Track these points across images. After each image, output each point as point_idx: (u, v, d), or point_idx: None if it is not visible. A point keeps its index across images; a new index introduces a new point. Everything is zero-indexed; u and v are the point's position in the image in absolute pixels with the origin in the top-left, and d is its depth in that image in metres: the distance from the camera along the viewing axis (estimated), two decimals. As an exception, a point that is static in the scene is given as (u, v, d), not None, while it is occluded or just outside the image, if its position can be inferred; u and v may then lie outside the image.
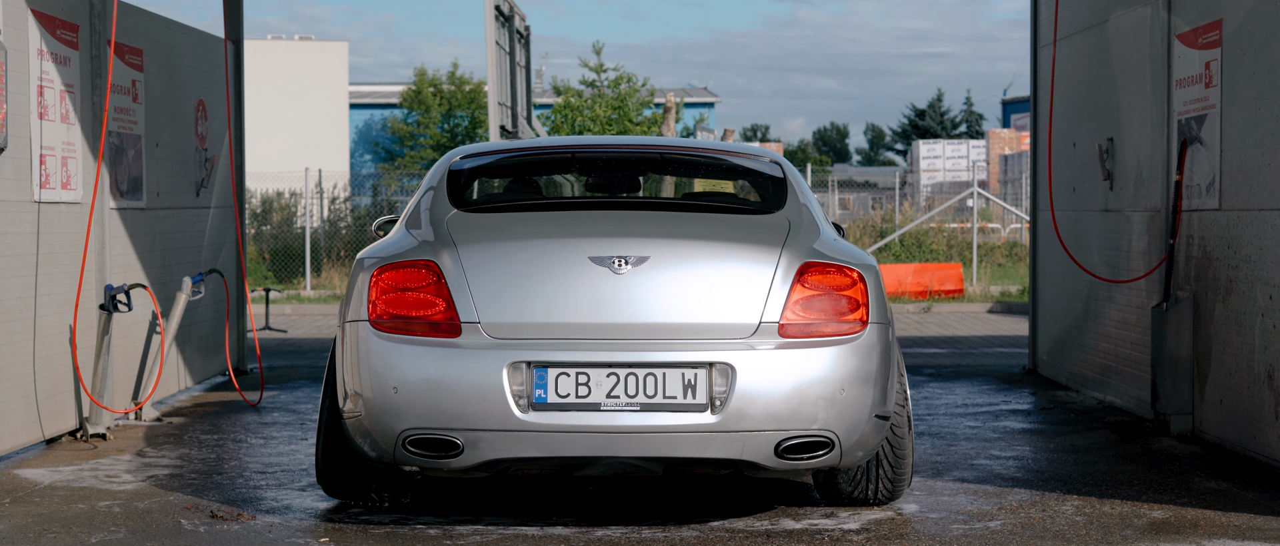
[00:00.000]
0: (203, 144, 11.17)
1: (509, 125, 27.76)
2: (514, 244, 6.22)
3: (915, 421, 9.61)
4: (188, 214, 10.85)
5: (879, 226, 34.39)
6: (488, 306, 6.06)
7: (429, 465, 6.12)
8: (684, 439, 5.97)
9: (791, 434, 6.01)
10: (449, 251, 6.17)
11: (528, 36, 30.72)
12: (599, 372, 5.97)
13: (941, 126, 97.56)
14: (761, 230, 6.38)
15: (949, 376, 12.19)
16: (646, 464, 6.09)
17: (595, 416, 5.95)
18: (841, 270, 6.19)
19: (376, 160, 65.57)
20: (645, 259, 6.09)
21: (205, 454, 8.30)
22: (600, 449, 6.00)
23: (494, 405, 5.93)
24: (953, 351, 15.76)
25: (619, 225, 6.37)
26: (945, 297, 23.60)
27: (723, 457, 6.03)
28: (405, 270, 6.15)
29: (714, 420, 5.95)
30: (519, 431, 5.94)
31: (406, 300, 6.11)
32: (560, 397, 5.97)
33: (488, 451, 5.98)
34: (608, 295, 6.06)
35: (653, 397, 5.97)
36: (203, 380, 11.29)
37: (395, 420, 6.02)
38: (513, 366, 5.96)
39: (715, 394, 5.97)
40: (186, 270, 10.68)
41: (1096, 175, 10.44)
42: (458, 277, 6.09)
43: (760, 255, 6.18)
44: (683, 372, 5.98)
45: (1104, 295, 10.33)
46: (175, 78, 10.58)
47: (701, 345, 6.01)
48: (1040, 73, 12.02)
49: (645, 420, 5.95)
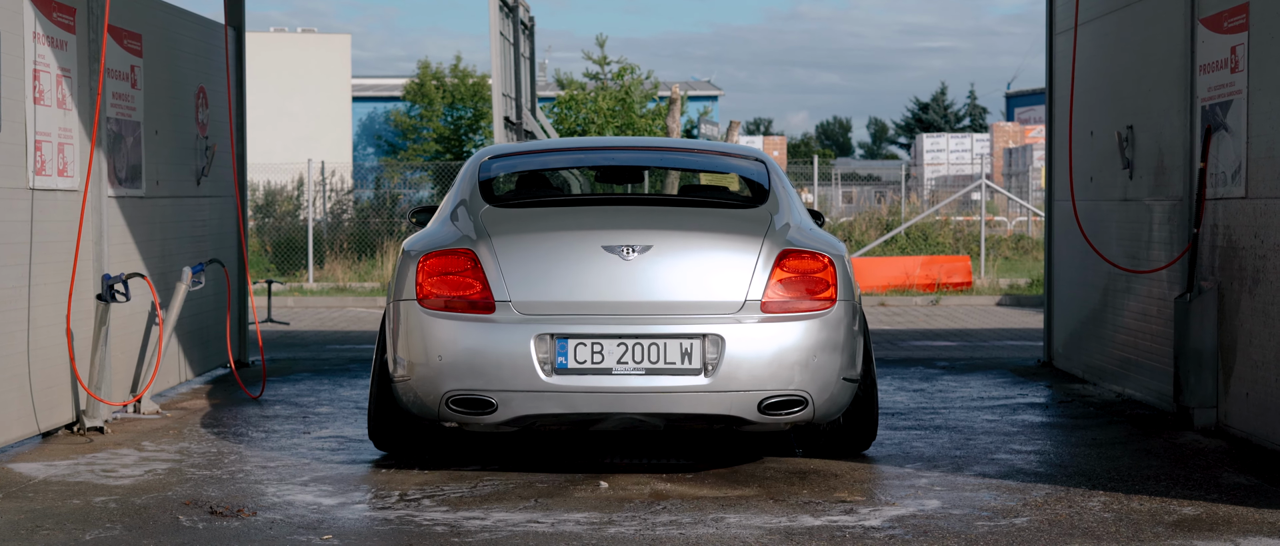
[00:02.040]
0: (203, 132, 10.95)
1: (513, 117, 27.53)
2: (539, 235, 7.29)
3: (931, 414, 9.40)
4: (188, 203, 10.64)
5: (885, 220, 34.17)
6: (518, 287, 7.11)
7: (467, 421, 7.14)
8: (682, 397, 7.01)
9: (772, 393, 7.05)
10: (484, 242, 7.23)
11: (531, 27, 30.48)
12: (611, 342, 7.03)
13: (945, 120, 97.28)
14: (746, 222, 7.46)
15: (963, 369, 11.98)
16: (651, 419, 7.12)
17: (608, 379, 7.00)
18: (814, 256, 7.26)
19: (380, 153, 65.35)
20: (649, 247, 7.17)
21: (205, 448, 8.10)
22: (612, 406, 7.04)
23: (523, 370, 6.98)
24: (964, 344, 15.54)
25: (626, 219, 7.43)
26: (953, 290, 23.38)
27: (714, 413, 7.07)
28: (447, 257, 7.19)
29: (707, 382, 7.01)
30: (544, 392, 6.99)
31: (448, 283, 7.16)
32: (578, 363, 7.02)
33: (518, 409, 7.01)
34: (618, 278, 7.14)
35: (656, 363, 7.02)
36: (204, 372, 11.08)
37: (439, 383, 7.05)
38: (539, 337, 7.00)
39: (708, 360, 7.01)
40: (187, 260, 10.46)
41: (1115, 164, 10.22)
42: (492, 264, 7.14)
43: (745, 244, 7.26)
44: (681, 342, 7.03)
45: (1123, 286, 10.12)
46: (175, 64, 10.37)
47: (696, 319, 7.07)
48: (1057, 60, 11.80)
49: (650, 382, 7.01)
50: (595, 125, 37.94)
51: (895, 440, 8.43)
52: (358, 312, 20.45)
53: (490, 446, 8.10)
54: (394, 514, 6.45)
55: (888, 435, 8.59)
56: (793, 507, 6.60)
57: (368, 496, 6.83)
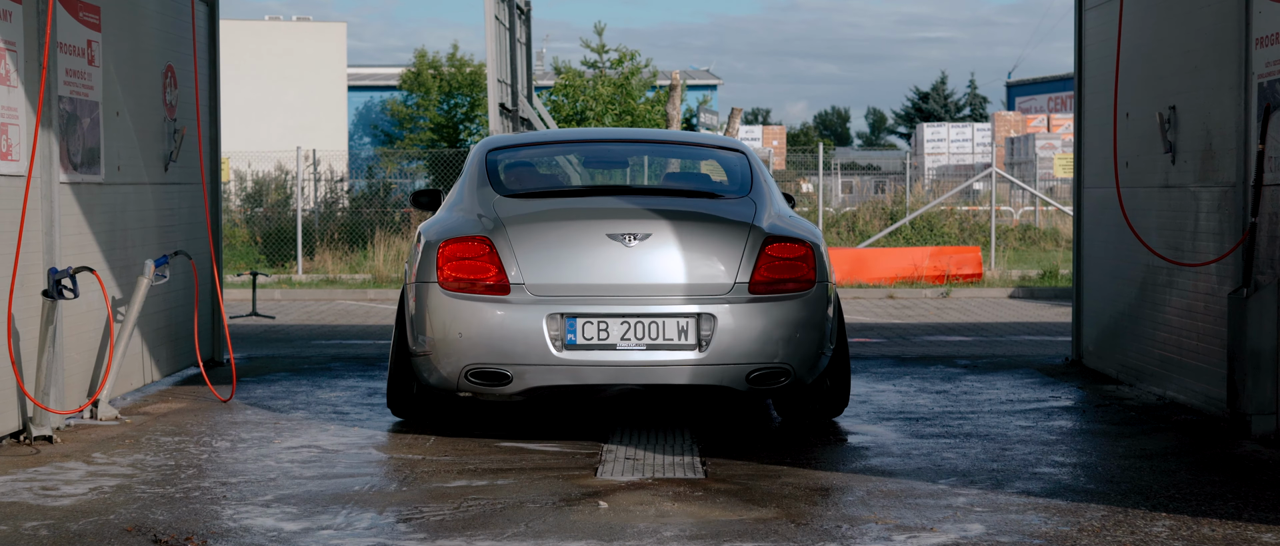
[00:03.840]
0: (172, 114, 10.17)
1: (509, 103, 26.73)
2: (550, 224, 7.90)
3: (959, 420, 8.64)
4: (154, 190, 9.86)
5: (889, 209, 33.35)
6: (531, 272, 7.76)
7: (484, 391, 7.89)
8: (678, 370, 7.75)
9: (759, 365, 7.78)
10: (499, 230, 7.86)
11: (528, 12, 29.66)
12: (615, 321, 7.72)
13: (945, 110, 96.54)
14: (734, 210, 8.14)
15: (986, 368, 11.21)
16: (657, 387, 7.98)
17: (612, 354, 7.72)
18: (796, 242, 7.95)
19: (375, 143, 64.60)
20: (649, 235, 7.82)
21: (162, 460, 7.32)
22: (615, 378, 7.78)
23: (536, 346, 7.67)
24: (980, 340, 14.77)
25: (627, 210, 8.02)
26: (963, 282, 22.60)
27: (707, 384, 7.80)
28: (466, 244, 7.83)
29: (701, 356, 7.73)
30: (555, 365, 7.69)
31: (467, 267, 7.79)
32: (586, 340, 7.71)
33: (531, 380, 7.74)
34: (620, 263, 7.79)
35: (655, 340, 7.73)
36: (173, 372, 10.31)
37: (459, 358, 7.75)
38: (550, 316, 7.69)
39: (701, 336, 7.74)
40: (153, 252, 9.70)
41: (1156, 147, 9.45)
42: (507, 250, 7.79)
43: (734, 231, 7.92)
44: (677, 321, 7.74)
45: (1165, 280, 9.35)
46: (140, 40, 9.59)
47: (691, 300, 7.76)
48: (1087, 37, 11.02)
49: (650, 356, 7.73)
50: (594, 113, 37.16)
51: (923, 449, 7.67)
52: (347, 305, 19.68)
53: (480, 453, 7.35)
54: (365, 543, 5.68)
55: (915, 444, 7.83)
56: (818, 535, 5.82)
57: (337, 520, 6.05)
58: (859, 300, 20.92)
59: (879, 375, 10.77)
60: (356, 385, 10.12)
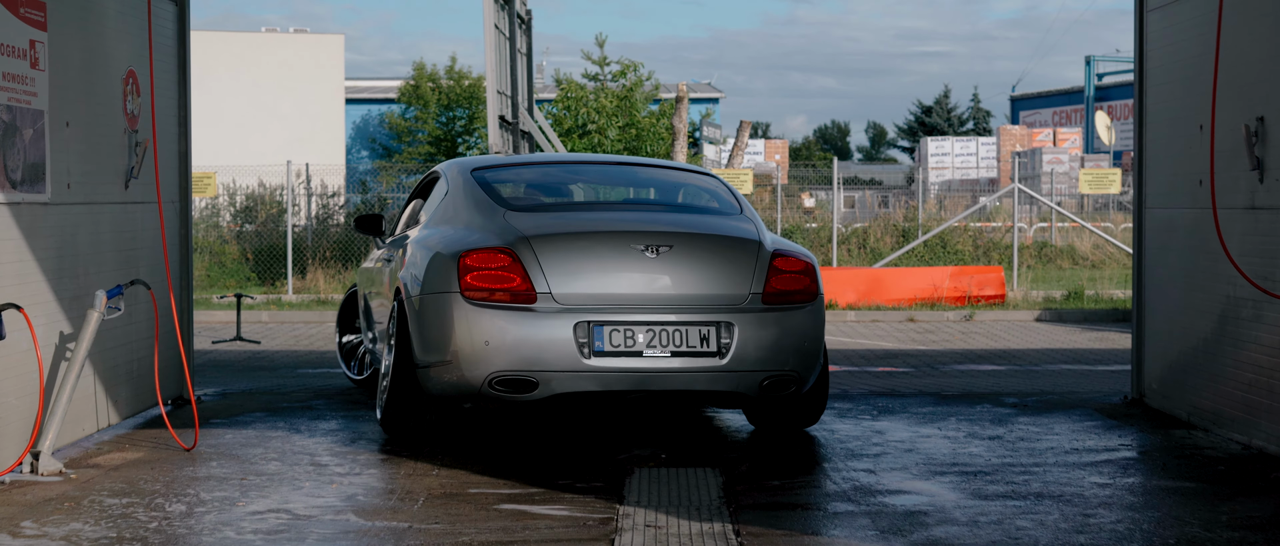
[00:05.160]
0: (134, 124, 9.10)
1: (509, 116, 25.65)
2: (573, 236, 8.07)
3: (1024, 475, 7.57)
4: (112, 210, 8.80)
5: (900, 226, 32.23)
6: (556, 281, 7.92)
7: (509, 399, 7.93)
8: (701, 376, 7.97)
9: (771, 372, 8.09)
10: (521, 242, 8.00)
11: (529, 21, 28.61)
12: (640, 329, 7.93)
13: (948, 123, 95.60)
14: (738, 228, 8.48)
15: (1037, 407, 10.13)
16: (676, 394, 8.01)
17: (639, 361, 7.90)
18: (799, 257, 8.35)
19: (373, 156, 63.63)
20: (670, 247, 8.06)
21: (100, 533, 6.22)
22: (641, 384, 7.93)
23: (565, 353, 7.83)
24: (1016, 369, 13.72)
25: (648, 222, 8.34)
26: (986, 304, 21.53)
27: (726, 391, 8.04)
28: (488, 255, 7.96)
29: (722, 363, 7.98)
30: (583, 372, 7.85)
31: (490, 278, 7.92)
32: (613, 347, 7.89)
33: (558, 387, 7.88)
34: (644, 273, 8.00)
35: (680, 347, 7.95)
36: (134, 414, 9.25)
37: (485, 366, 7.85)
38: (578, 325, 7.86)
39: (722, 344, 7.99)
40: (111, 280, 8.64)
41: (1240, 164, 8.38)
42: (531, 260, 7.94)
43: (744, 246, 8.25)
44: (700, 329, 7.98)
45: (1250, 313, 8.28)
46: (95, 41, 8.53)
47: (711, 309, 8.01)
48: (1149, 40, 9.95)
49: (674, 363, 7.93)
50: (596, 126, 36.12)
51: (991, 515, 6.59)
52: (337, 329, 18.59)
53: (477, 520, 6.27)
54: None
55: (979, 507, 6.76)
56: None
57: (301, 617, 4.99)
58: (878, 323, 19.86)
59: (920, 416, 9.70)
60: (339, 429, 9.05)
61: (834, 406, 10.14)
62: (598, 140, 36.39)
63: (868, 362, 14.36)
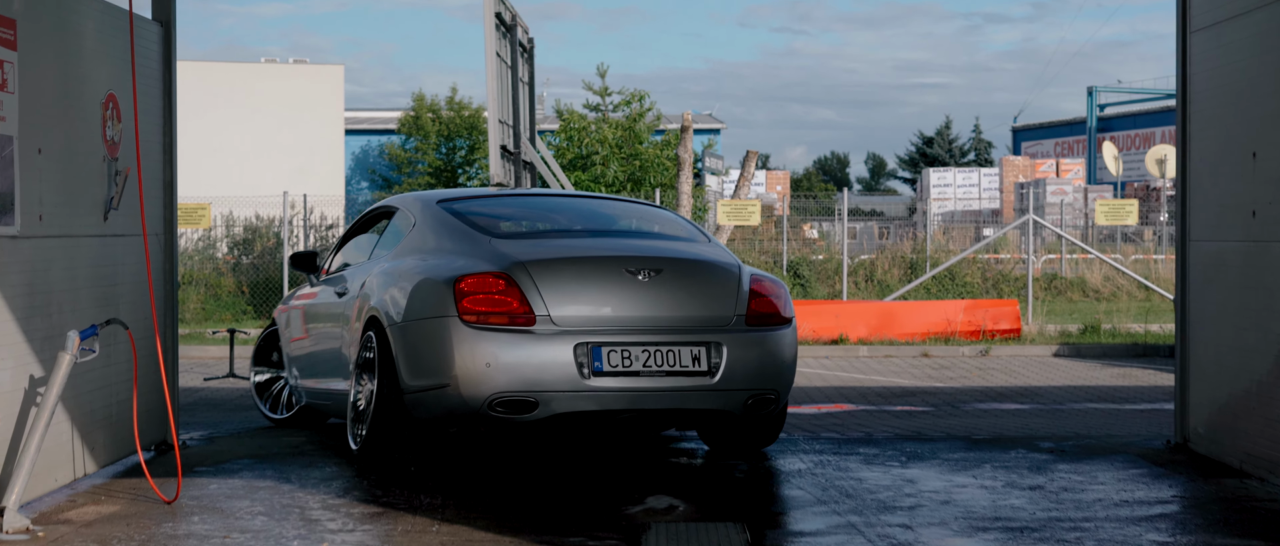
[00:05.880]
0: (114, 152, 8.52)
1: (510, 145, 25.07)
2: (568, 260, 8.37)
3: (1075, 532, 6.96)
4: (89, 244, 8.21)
5: (908, 257, 31.64)
6: (554, 304, 8.18)
7: (508, 420, 8.13)
8: (693, 394, 8.26)
9: (755, 391, 8.44)
10: (516, 266, 8.26)
11: (531, 50, 28.04)
12: (637, 349, 8.19)
13: (949, 154, 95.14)
14: (715, 253, 8.90)
15: (1075, 453, 9.53)
16: (666, 412, 8.37)
17: (636, 380, 8.16)
18: (772, 282, 8.77)
19: (373, 187, 63.16)
20: (660, 271, 8.38)
21: (65, 600, 5.64)
22: (638, 403, 8.19)
23: (566, 374, 8.05)
24: (1040, 408, 13.15)
25: (637, 249, 8.64)
26: (1001, 338, 20.93)
27: (715, 409, 8.36)
28: (484, 279, 8.18)
29: (713, 382, 8.30)
30: (582, 392, 8.08)
31: (488, 301, 8.13)
32: (612, 367, 8.13)
33: (558, 407, 8.09)
34: (637, 296, 8.29)
35: (674, 367, 8.22)
36: (114, 461, 8.65)
37: (486, 387, 8.04)
38: (578, 346, 8.09)
39: (712, 363, 8.31)
40: (87, 318, 8.06)
41: (1300, 194, 7.81)
42: (529, 284, 8.19)
43: (725, 270, 8.63)
44: (691, 349, 8.28)
45: (1313, 355, 7.69)
46: (72, 63, 7.96)
47: (702, 330, 8.34)
48: (1192, 63, 9.38)
49: (669, 382, 8.20)
50: (600, 157, 35.57)
51: (1047, 580, 5.99)
52: (334, 365, 17.98)
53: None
54: None
55: (1033, 570, 6.16)
56: None
57: None
58: (892, 358, 19.27)
59: (953, 463, 9.09)
60: (331, 478, 8.44)
61: (859, 451, 9.55)
62: (600, 171, 35.85)
63: (885, 401, 13.78)
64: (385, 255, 9.26)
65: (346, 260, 10.27)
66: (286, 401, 10.97)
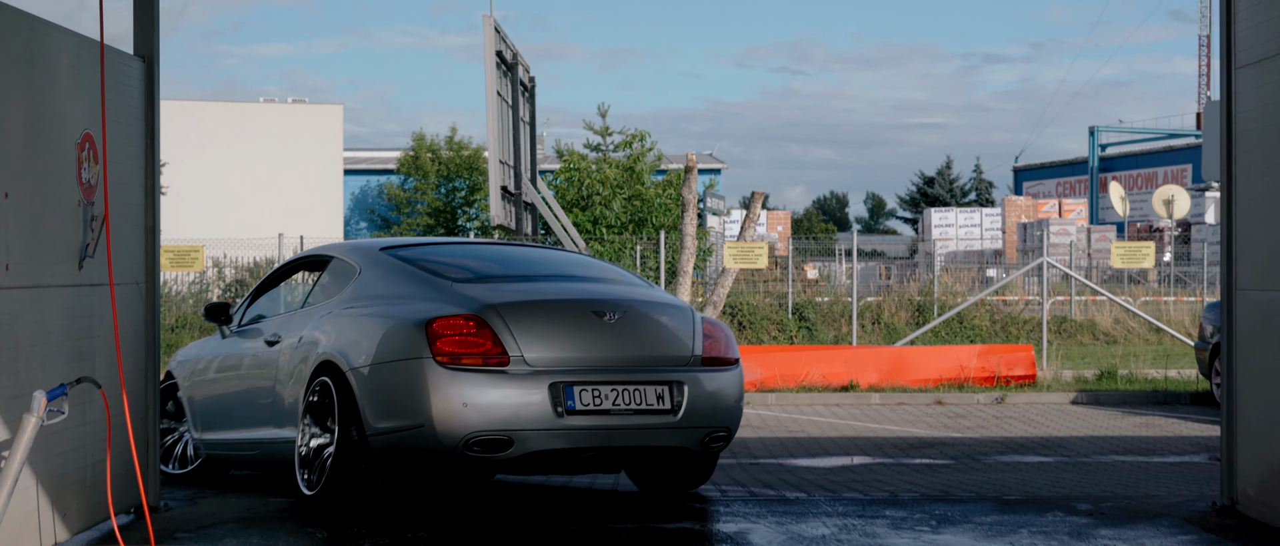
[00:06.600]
0: (89, 196, 7.96)
1: (511, 186, 24.49)
2: (538, 302, 8.68)
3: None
4: (61, 295, 7.64)
5: (915, 300, 31.06)
6: (526, 345, 8.44)
7: (485, 458, 8.32)
8: (659, 432, 8.63)
9: (712, 428, 8.83)
10: (487, 309, 8.50)
11: (532, 89, 27.50)
12: (607, 388, 8.50)
13: (950, 194, 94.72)
14: (669, 296, 9.27)
15: (1115, 516, 8.93)
16: (631, 450, 8.67)
17: (607, 418, 8.49)
18: (722, 326, 9.20)
19: (372, 228, 62.70)
20: (624, 314, 8.75)
21: None
22: (609, 441, 8.51)
23: (541, 413, 8.33)
24: (1064, 461, 12.58)
25: (599, 292, 9.01)
26: (1016, 385, 20.34)
27: (677, 446, 8.72)
28: (457, 321, 8.40)
29: (676, 420, 8.66)
30: (556, 430, 8.35)
31: (462, 342, 8.34)
32: (584, 405, 8.44)
33: (532, 445, 8.34)
34: (605, 337, 8.62)
35: (640, 405, 8.58)
36: (90, 526, 8.05)
37: (463, 427, 8.24)
38: (553, 385, 8.38)
39: (675, 401, 8.67)
40: (62, 375, 7.48)
41: (1366, 241, 7.25)
42: (500, 326, 8.44)
43: (681, 311, 9.03)
44: (656, 388, 8.64)
45: (1382, 415, 7.12)
46: (42, 101, 7.41)
47: (664, 370, 8.72)
48: (1238, 101, 8.83)
49: (638, 420, 8.56)
50: (601, 197, 35.04)
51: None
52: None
53: None
54: None
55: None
56: None
57: None
58: (904, 406, 18.68)
59: (986, 528, 8.50)
60: (323, 543, 7.84)
61: (885, 514, 8.96)
62: (601, 212, 35.33)
63: (903, 453, 13.20)
64: (328, 303, 9.35)
65: (262, 311, 10.32)
66: (180, 455, 10.77)
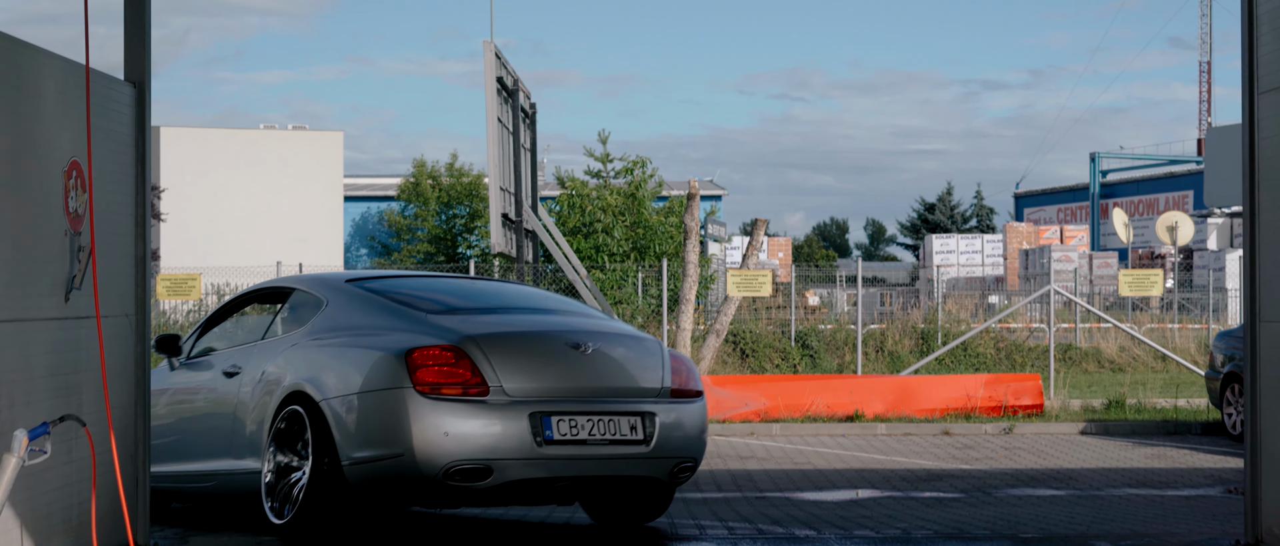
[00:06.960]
0: (77, 226, 7.69)
1: (512, 214, 24.25)
2: (515, 334, 8.88)
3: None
4: (47, 329, 7.37)
5: (919, 328, 30.75)
6: (505, 376, 8.60)
7: (465, 487, 8.44)
8: (632, 462, 8.85)
9: (679, 459, 9.02)
10: (466, 340, 8.63)
11: (533, 115, 27.27)
12: (583, 418, 8.71)
13: (951, 220, 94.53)
14: (636, 330, 9.50)
15: (1136, 554, 8.68)
16: (605, 479, 8.85)
17: (583, 448, 8.68)
18: (686, 359, 9.38)
19: (372, 254, 62.46)
20: (598, 347, 8.95)
21: None
22: (584, 470, 8.71)
23: (521, 442, 8.48)
24: (1076, 494, 12.31)
25: (572, 325, 9.18)
26: (1023, 414, 20.06)
27: (648, 476, 8.95)
28: (434, 351, 8.54)
29: (648, 450, 8.87)
30: (535, 458, 8.51)
31: (441, 373, 8.48)
32: (561, 435, 8.62)
33: (512, 474, 8.49)
34: (580, 369, 8.83)
35: (615, 436, 8.77)
36: (75, 567, 7.78)
37: (444, 456, 8.36)
38: (532, 414, 8.54)
39: (647, 432, 8.87)
40: (47, 411, 7.22)
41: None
42: (479, 357, 8.58)
43: (649, 344, 9.25)
44: (629, 418, 8.85)
45: None
46: (27, 127, 7.15)
47: (636, 401, 8.93)
48: (1261, 127, 8.59)
49: (612, 450, 8.77)
50: (603, 224, 34.81)
51: None
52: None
53: None
54: None
55: None
56: None
57: None
58: (911, 436, 18.40)
59: (1004, 567, 8.24)
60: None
61: (898, 553, 8.69)
62: (602, 239, 35.09)
63: (912, 486, 12.93)
64: (292, 334, 9.39)
65: (212, 344, 10.30)
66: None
